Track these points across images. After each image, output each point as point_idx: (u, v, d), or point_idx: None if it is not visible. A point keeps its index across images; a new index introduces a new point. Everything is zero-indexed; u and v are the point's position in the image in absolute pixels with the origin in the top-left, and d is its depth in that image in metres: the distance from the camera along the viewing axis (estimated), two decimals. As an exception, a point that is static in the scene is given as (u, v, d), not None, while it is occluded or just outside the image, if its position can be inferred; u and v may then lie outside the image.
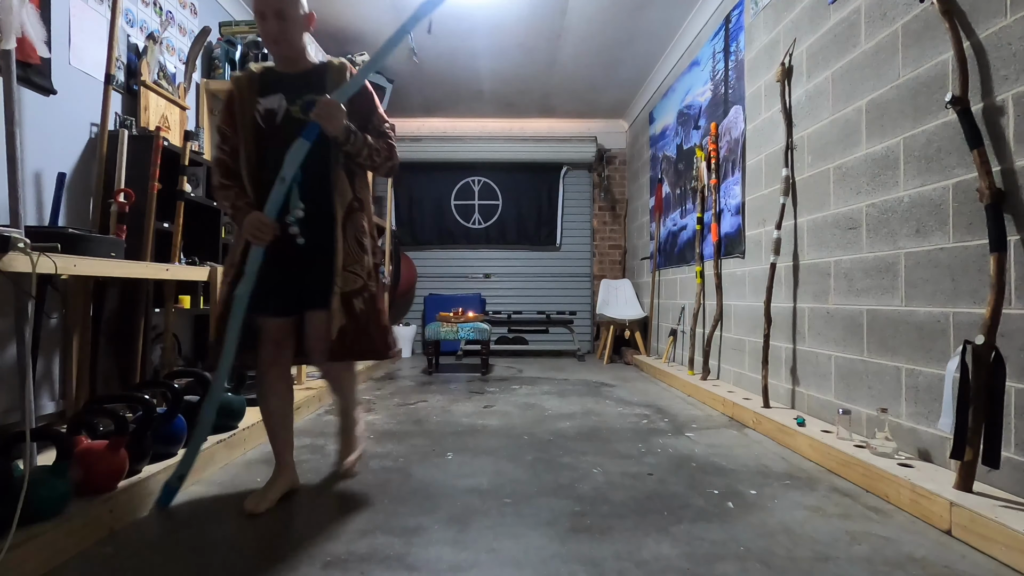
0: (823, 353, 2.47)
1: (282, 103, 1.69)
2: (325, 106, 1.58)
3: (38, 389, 2.22)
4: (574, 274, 6.42)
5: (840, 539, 1.48)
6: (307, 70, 1.75)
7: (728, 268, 3.54)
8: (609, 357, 5.46)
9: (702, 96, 4.05)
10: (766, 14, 3.07)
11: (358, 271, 1.71)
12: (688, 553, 1.39)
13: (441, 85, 5.31)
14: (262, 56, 3.48)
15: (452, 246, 6.38)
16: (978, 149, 1.62)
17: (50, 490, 1.34)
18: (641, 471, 2.03)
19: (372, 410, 3.09)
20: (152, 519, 1.59)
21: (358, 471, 1.99)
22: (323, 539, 1.46)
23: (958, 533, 1.48)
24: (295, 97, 1.69)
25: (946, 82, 1.82)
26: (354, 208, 1.74)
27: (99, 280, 2.35)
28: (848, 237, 2.31)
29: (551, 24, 4.17)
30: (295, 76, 1.73)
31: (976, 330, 1.62)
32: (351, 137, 1.65)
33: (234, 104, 1.70)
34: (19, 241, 1.42)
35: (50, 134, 2.30)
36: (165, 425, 1.81)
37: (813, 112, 2.58)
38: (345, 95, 1.64)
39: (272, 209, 1.60)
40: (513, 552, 1.39)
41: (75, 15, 2.42)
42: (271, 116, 1.68)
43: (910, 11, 1.98)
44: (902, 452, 1.94)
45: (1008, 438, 1.57)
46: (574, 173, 6.44)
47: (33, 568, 1.24)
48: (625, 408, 3.19)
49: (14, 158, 1.56)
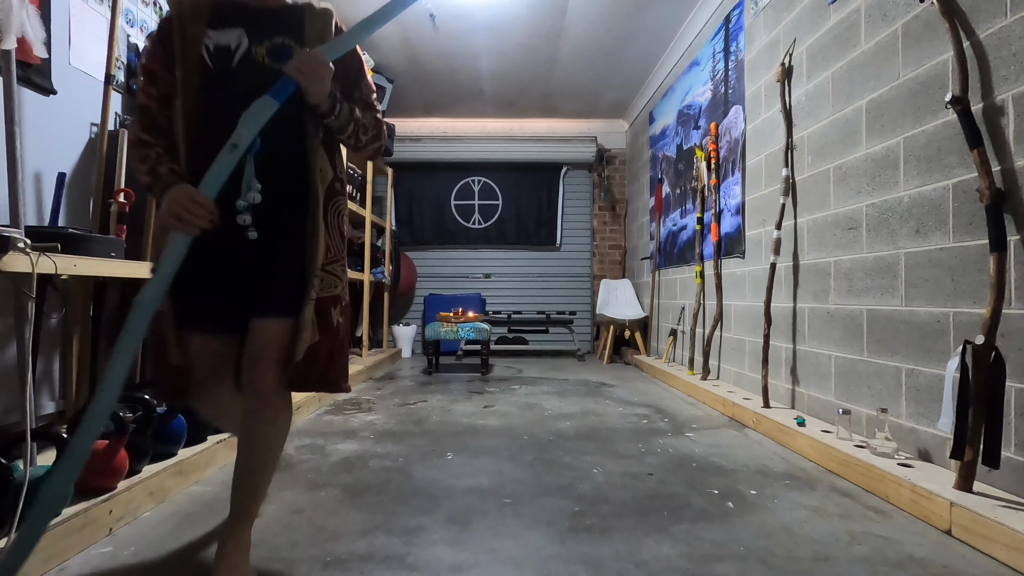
0: (823, 353, 2.47)
1: (242, 40, 1.26)
2: (308, 60, 1.19)
3: (38, 389, 2.21)
4: (574, 274, 6.42)
5: (840, 539, 1.48)
6: (279, 7, 1.33)
7: (728, 268, 3.54)
8: (609, 357, 5.46)
9: (702, 96, 4.05)
10: (766, 14, 3.07)
11: (339, 272, 1.33)
12: (688, 553, 1.39)
13: (441, 85, 5.31)
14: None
15: (452, 246, 6.38)
16: (978, 149, 1.62)
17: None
18: (641, 471, 2.03)
19: (372, 410, 3.09)
20: (152, 519, 1.59)
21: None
22: (323, 539, 1.45)
23: (958, 533, 1.48)
24: (261, 36, 1.27)
25: (946, 82, 1.82)
26: (336, 191, 1.35)
27: (99, 280, 2.35)
28: (848, 237, 2.31)
29: (551, 24, 4.17)
30: (261, 11, 1.30)
31: (976, 330, 1.62)
32: (336, 107, 1.26)
33: (172, 34, 1.24)
34: (19, 241, 1.42)
35: (50, 134, 2.29)
36: (165, 425, 1.81)
37: (813, 112, 2.58)
38: (333, 53, 1.25)
39: (213, 185, 1.14)
40: (513, 552, 1.39)
41: (75, 15, 2.41)
42: (224, 55, 1.25)
43: (910, 11, 1.98)
44: (902, 452, 1.94)
45: (1008, 438, 1.57)
46: (574, 173, 6.44)
47: (33, 568, 1.24)
48: (625, 408, 3.19)
49: (14, 158, 1.56)
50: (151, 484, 1.65)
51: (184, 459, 1.82)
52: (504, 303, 6.31)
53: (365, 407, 3.17)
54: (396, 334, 5.92)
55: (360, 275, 4.74)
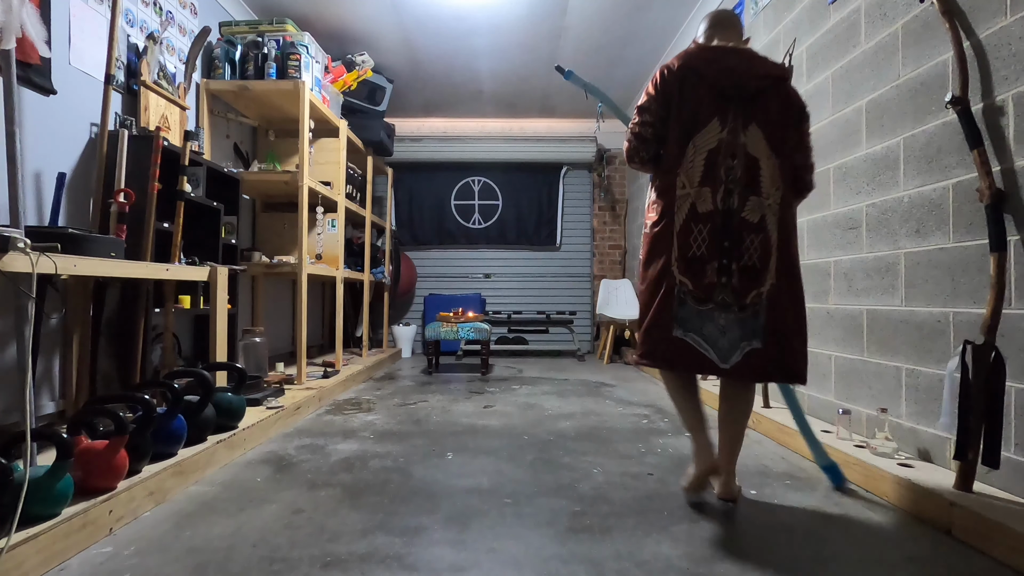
0: (823, 353, 2.47)
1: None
2: None
3: (38, 389, 2.22)
4: (574, 274, 6.42)
5: (840, 539, 1.48)
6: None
7: (728, 268, 3.54)
8: (609, 357, 5.46)
9: (702, 96, 4.04)
10: (766, 14, 3.07)
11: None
12: (688, 553, 1.39)
13: (441, 85, 5.31)
14: (261, 57, 3.48)
15: (452, 246, 6.38)
16: (978, 149, 1.62)
17: (50, 490, 1.34)
18: (641, 471, 2.03)
19: (372, 410, 3.09)
20: (152, 519, 1.59)
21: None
22: (323, 539, 1.46)
23: (958, 533, 1.48)
24: None
25: (946, 82, 1.82)
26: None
27: (99, 280, 2.35)
28: (848, 237, 2.31)
29: (551, 24, 4.17)
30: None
31: (976, 330, 1.62)
32: None
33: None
34: (19, 241, 1.42)
35: (50, 134, 2.30)
36: (165, 425, 1.81)
37: (813, 112, 2.58)
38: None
39: None
40: (513, 552, 1.39)
41: (75, 15, 2.42)
42: None
43: (910, 11, 1.98)
44: (902, 452, 1.94)
45: (1008, 438, 1.58)
46: (574, 173, 6.44)
47: (33, 568, 1.24)
48: (625, 408, 3.19)
49: (14, 158, 1.56)
50: (151, 484, 1.65)
51: (184, 459, 1.82)
52: (504, 303, 6.31)
53: (365, 407, 3.17)
54: (396, 334, 5.93)
55: (360, 275, 4.74)
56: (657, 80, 1.73)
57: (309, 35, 3.65)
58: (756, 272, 1.64)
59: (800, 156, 1.73)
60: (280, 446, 2.34)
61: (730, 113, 1.66)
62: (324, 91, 3.84)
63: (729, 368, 1.64)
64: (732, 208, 1.65)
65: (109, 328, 2.44)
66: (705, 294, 1.65)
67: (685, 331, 1.67)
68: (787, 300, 1.65)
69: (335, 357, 4.10)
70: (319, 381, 3.45)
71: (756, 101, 1.68)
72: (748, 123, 1.67)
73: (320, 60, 3.82)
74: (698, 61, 1.70)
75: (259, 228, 4.24)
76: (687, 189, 1.68)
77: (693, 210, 1.67)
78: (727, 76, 1.67)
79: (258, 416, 2.44)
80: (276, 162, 3.86)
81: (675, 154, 1.70)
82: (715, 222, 1.65)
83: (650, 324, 1.72)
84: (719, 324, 1.65)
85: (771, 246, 1.65)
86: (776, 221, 1.66)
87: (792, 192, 1.72)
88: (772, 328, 1.63)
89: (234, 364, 2.41)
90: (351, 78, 4.28)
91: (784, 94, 1.70)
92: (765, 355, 1.63)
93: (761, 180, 1.66)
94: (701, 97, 1.67)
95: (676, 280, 1.67)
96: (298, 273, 3.37)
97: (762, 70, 1.69)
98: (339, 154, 4.13)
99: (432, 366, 4.75)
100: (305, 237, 3.38)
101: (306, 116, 3.39)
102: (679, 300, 1.67)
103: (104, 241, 1.95)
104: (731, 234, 1.65)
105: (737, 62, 1.69)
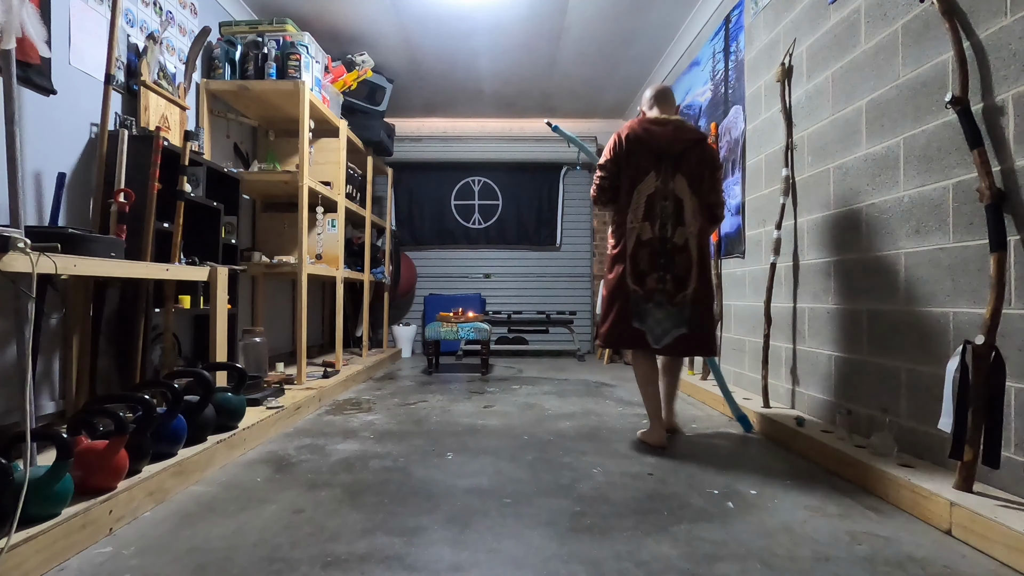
0: (823, 353, 2.47)
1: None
2: None
3: (38, 389, 2.22)
4: (574, 274, 6.42)
5: (840, 539, 1.48)
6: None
7: (728, 268, 3.54)
8: (609, 357, 5.46)
9: (702, 96, 4.05)
10: (766, 14, 3.07)
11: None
12: (688, 553, 1.39)
13: (441, 85, 5.31)
14: (261, 57, 3.48)
15: (452, 246, 6.38)
16: (978, 149, 1.62)
17: (50, 490, 1.34)
18: (641, 471, 2.03)
19: (372, 410, 3.09)
20: (152, 519, 1.59)
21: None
22: (323, 539, 1.46)
23: (958, 533, 1.49)
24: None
25: (946, 82, 1.82)
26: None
27: (99, 280, 2.35)
28: (848, 237, 2.31)
29: (551, 24, 4.17)
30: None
31: (976, 330, 1.62)
32: None
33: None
34: (19, 241, 1.42)
35: (50, 134, 2.30)
36: (165, 425, 1.81)
37: (813, 112, 2.58)
38: None
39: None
40: (513, 552, 1.39)
41: (75, 15, 2.42)
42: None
43: (910, 11, 1.98)
44: (902, 452, 1.94)
45: (1008, 438, 1.58)
46: (574, 173, 6.44)
47: (33, 568, 1.24)
48: (625, 408, 3.19)
49: (14, 158, 1.56)
50: (151, 484, 1.65)
51: (184, 459, 1.82)
52: (504, 303, 6.31)
53: (365, 407, 3.17)
54: (396, 334, 5.93)
55: (360, 275, 4.74)
56: (613, 146, 2.43)
57: (309, 35, 3.65)
58: (683, 280, 2.32)
59: (712, 196, 2.40)
60: (280, 446, 2.34)
61: (663, 167, 2.35)
62: (324, 91, 3.84)
63: (660, 348, 2.34)
64: (666, 236, 2.33)
65: (109, 328, 2.44)
66: (648, 296, 2.33)
67: (640, 323, 2.34)
68: (703, 299, 2.34)
69: (335, 357, 4.10)
70: (319, 381, 3.45)
71: (681, 157, 2.35)
72: (675, 174, 2.35)
73: (320, 60, 3.82)
74: (641, 131, 2.39)
75: (259, 228, 4.24)
76: (635, 223, 2.36)
77: (638, 238, 2.35)
78: (661, 142, 2.36)
79: (258, 416, 2.44)
80: (276, 162, 3.86)
81: (626, 198, 2.40)
82: (654, 246, 2.34)
83: (616, 319, 2.37)
84: (657, 317, 2.33)
85: (692, 262, 2.33)
86: (696, 244, 2.34)
87: (707, 222, 2.40)
88: (693, 320, 2.33)
89: (234, 364, 2.41)
90: (351, 78, 4.28)
91: (701, 151, 2.37)
92: (690, 339, 2.33)
93: (685, 215, 2.33)
94: (642, 157, 2.37)
95: (630, 288, 2.34)
96: (298, 273, 3.37)
97: (685, 136, 2.37)
98: (339, 154, 4.13)
99: (432, 366, 4.75)
100: (305, 237, 3.38)
101: (306, 116, 3.39)
102: (633, 302, 2.34)
103: (104, 241, 1.95)
104: (666, 254, 2.33)
105: (668, 132, 2.38)
